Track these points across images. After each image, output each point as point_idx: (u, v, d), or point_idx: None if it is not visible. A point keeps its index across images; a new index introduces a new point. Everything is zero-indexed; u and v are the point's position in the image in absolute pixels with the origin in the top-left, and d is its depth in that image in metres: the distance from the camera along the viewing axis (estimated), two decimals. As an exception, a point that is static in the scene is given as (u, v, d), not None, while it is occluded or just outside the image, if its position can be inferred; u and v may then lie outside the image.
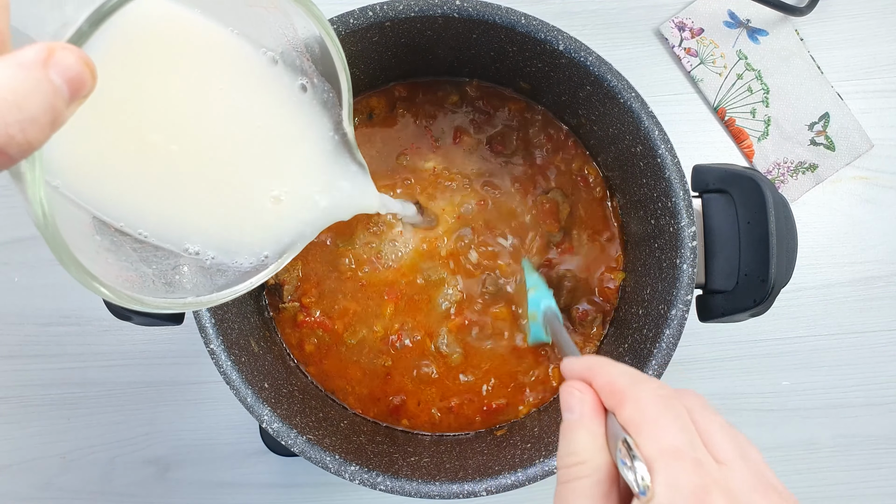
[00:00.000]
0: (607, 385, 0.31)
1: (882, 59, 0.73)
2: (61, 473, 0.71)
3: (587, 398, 0.31)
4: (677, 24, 0.72)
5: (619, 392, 0.30)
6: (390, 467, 0.49)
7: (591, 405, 0.31)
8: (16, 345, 0.71)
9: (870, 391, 0.71)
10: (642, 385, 0.31)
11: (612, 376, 0.31)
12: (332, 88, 0.39)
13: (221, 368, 0.48)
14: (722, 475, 0.28)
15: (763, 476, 0.30)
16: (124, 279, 0.34)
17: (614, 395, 0.31)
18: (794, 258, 0.51)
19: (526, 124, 0.60)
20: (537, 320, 0.51)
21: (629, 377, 0.31)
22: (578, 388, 0.32)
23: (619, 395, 0.30)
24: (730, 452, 0.30)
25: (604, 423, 0.31)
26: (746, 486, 0.29)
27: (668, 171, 0.49)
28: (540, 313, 0.51)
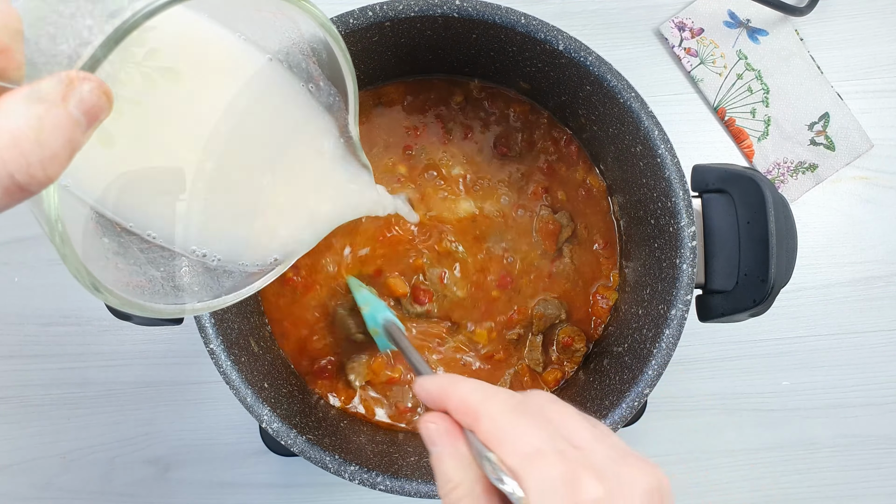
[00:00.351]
0: (461, 405, 0.32)
1: (882, 59, 0.73)
2: (61, 473, 0.71)
3: (442, 427, 0.33)
4: (677, 24, 0.72)
5: (473, 412, 0.32)
6: (390, 467, 0.49)
7: (446, 433, 0.32)
8: (16, 345, 0.71)
9: (870, 391, 0.71)
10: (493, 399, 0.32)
11: (463, 395, 0.32)
12: (339, 92, 0.39)
13: (221, 368, 0.48)
14: (585, 457, 0.30)
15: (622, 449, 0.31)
16: (135, 285, 0.34)
17: (469, 415, 0.32)
18: (793, 258, 0.51)
19: (530, 127, 0.60)
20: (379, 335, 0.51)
21: (479, 393, 0.32)
22: (432, 421, 0.33)
23: (473, 415, 0.32)
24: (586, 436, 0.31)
25: (464, 443, 0.32)
26: (609, 460, 0.30)
27: (668, 171, 0.49)
28: (380, 328, 0.51)
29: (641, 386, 0.49)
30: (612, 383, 0.52)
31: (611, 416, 0.49)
